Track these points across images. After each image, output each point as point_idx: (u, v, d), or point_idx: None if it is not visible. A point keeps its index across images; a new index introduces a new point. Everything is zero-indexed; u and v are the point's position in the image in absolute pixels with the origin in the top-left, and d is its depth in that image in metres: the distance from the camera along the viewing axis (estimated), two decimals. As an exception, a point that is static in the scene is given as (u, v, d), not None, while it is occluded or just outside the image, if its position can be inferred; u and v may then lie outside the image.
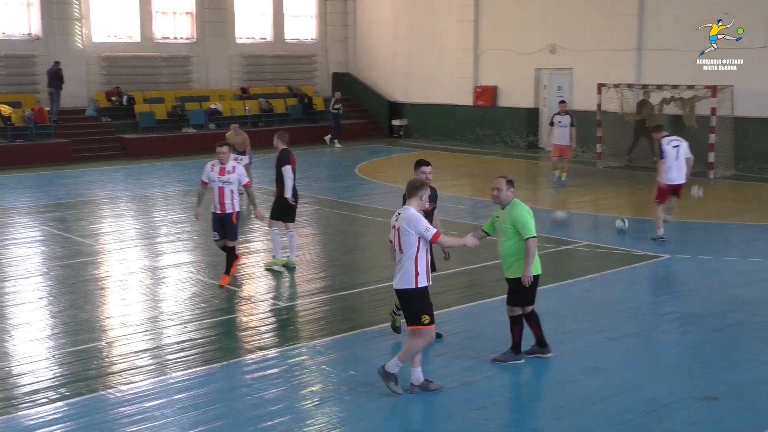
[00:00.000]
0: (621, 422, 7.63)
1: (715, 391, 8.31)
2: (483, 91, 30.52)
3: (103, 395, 8.35)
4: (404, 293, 8.11)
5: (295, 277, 13.10)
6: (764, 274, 12.95)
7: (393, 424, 7.68)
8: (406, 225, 7.98)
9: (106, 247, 15.31)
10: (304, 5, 35.09)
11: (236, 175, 12.01)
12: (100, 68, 30.03)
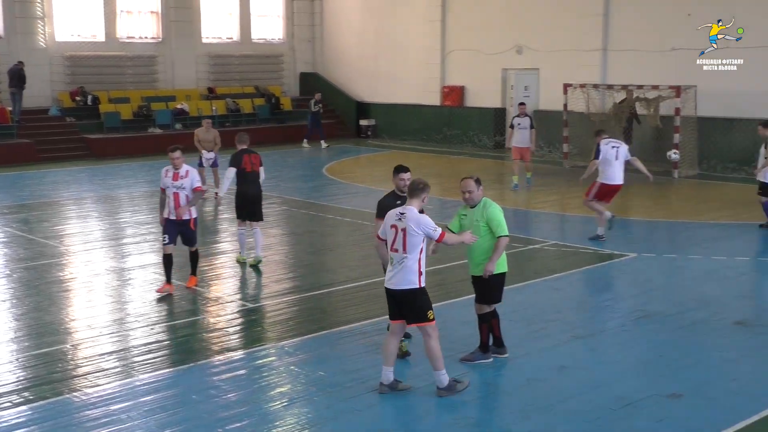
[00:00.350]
0: (588, 420, 7.68)
1: (680, 388, 8.39)
2: (450, 91, 30.61)
3: (68, 398, 8.26)
4: (408, 293, 8.10)
5: (263, 277, 13.06)
6: (727, 272, 13.12)
7: (362, 425, 7.66)
8: (413, 225, 7.98)
9: (70, 248, 15.14)
10: (271, 5, 34.97)
11: (189, 179, 11.63)
12: (63, 68, 29.72)
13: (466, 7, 29.83)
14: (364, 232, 16.22)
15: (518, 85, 28.91)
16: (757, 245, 14.89)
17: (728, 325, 10.38)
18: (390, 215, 8.25)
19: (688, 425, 7.58)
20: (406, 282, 8.07)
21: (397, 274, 8.11)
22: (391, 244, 8.13)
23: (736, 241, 15.14)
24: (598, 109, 24.96)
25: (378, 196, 19.98)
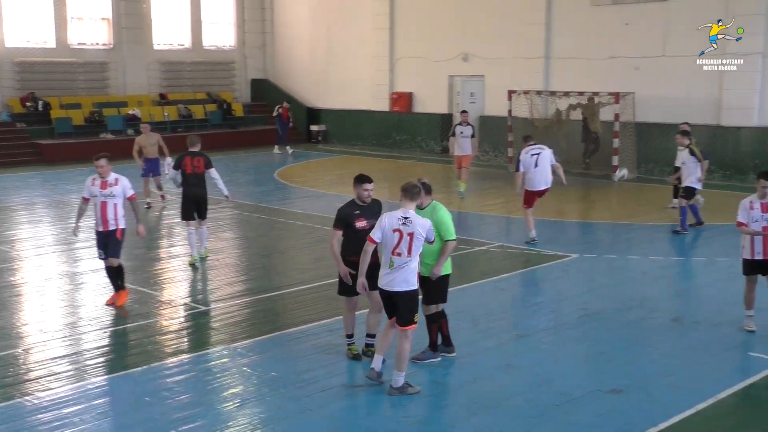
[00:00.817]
0: (533, 416, 7.77)
1: (620, 384, 8.53)
2: (399, 97, 30.70)
3: (19, 402, 8.13)
4: (407, 294, 8.15)
5: (216, 280, 12.98)
6: (664, 272, 13.38)
7: (314, 424, 7.66)
8: (420, 230, 8.03)
9: (22, 253, 14.88)
10: (222, 13, 34.76)
11: (120, 187, 10.98)
12: (13, 73, 29.19)
13: (413, 16, 29.95)
14: (315, 235, 16.21)
15: (464, 92, 29.09)
16: (691, 246, 15.19)
17: (665, 323, 10.58)
18: (391, 220, 8.13)
19: (628, 419, 7.71)
20: (407, 284, 8.13)
21: (397, 276, 8.11)
22: (394, 247, 8.07)
23: (673, 242, 15.43)
24: (541, 114, 25.29)
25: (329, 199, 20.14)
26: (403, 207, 8.20)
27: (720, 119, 23.04)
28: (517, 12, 26.61)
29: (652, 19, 23.97)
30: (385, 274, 8.19)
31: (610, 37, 24.71)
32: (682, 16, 23.37)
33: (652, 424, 7.57)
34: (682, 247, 15.07)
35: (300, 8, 34.25)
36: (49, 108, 29.17)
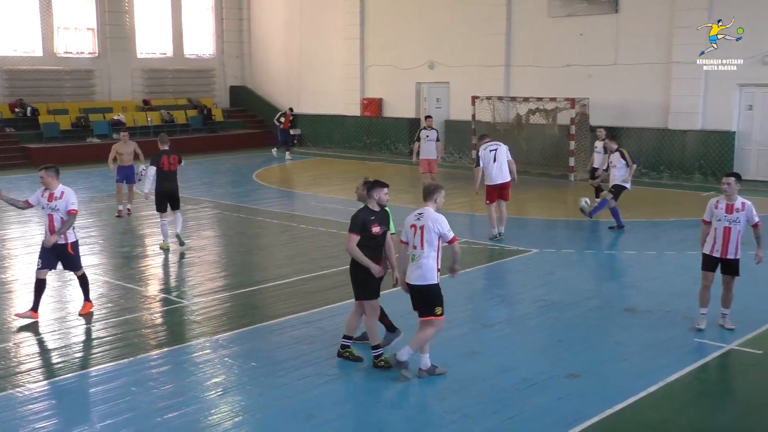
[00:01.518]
0: (497, 400, 7.83)
1: (578, 369, 8.61)
2: (369, 102, 30.71)
3: (11, 394, 8.03)
4: (424, 288, 8.16)
5: (198, 275, 12.92)
6: (619, 264, 13.53)
7: (292, 410, 7.64)
8: (431, 223, 8.07)
9: (12, 251, 14.68)
10: (202, 23, 34.59)
11: (63, 201, 10.08)
12: (2, 80, 28.85)
13: (382, 26, 29.97)
14: (292, 233, 16.19)
15: (431, 97, 29.18)
16: (643, 240, 15.31)
17: (619, 312, 10.69)
18: (409, 218, 8.28)
19: (585, 402, 7.78)
20: (424, 278, 8.15)
21: (415, 270, 8.17)
22: (412, 242, 8.17)
23: (625, 236, 15.57)
24: (502, 119, 25.43)
25: (304, 199, 20.05)
26: (423, 206, 8.35)
27: (667, 123, 23.33)
28: (480, 23, 26.74)
29: (604, 30, 24.19)
30: (409, 269, 8.28)
31: (566, 46, 24.92)
32: (632, 27, 23.63)
33: (607, 407, 7.64)
34: (634, 241, 15.21)
35: (275, 19, 34.14)
36: (37, 114, 28.82)
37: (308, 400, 7.84)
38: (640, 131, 23.76)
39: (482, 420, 7.40)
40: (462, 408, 7.64)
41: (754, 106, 22.17)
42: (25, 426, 7.31)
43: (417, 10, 28.65)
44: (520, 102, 24.78)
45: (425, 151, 19.34)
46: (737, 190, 9.48)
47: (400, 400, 7.92)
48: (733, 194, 9.46)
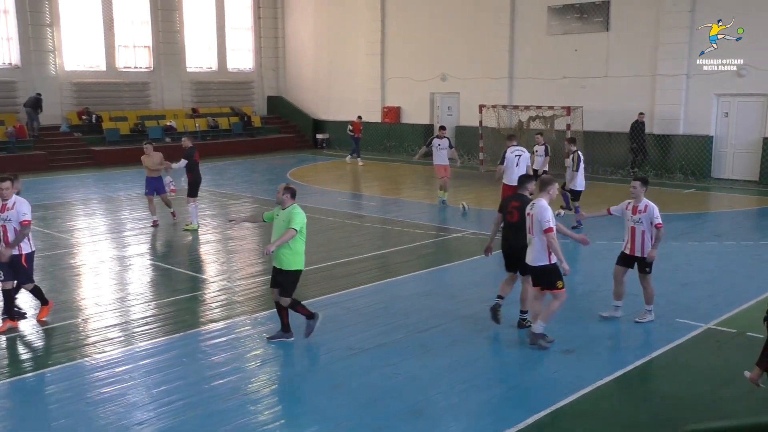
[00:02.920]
0: (502, 372, 7.85)
1: (572, 345, 8.58)
2: (389, 110, 30.68)
3: (80, 363, 8.13)
4: (539, 268, 8.19)
5: (239, 262, 12.97)
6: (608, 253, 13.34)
7: (321, 380, 7.68)
8: (536, 213, 8.09)
9: (80, 240, 14.83)
10: (243, 41, 34.66)
11: (15, 212, 8.94)
12: (71, 92, 29.07)
13: (400, 43, 29.92)
14: (321, 224, 16.21)
15: (443, 106, 29.10)
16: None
17: (609, 295, 10.56)
18: (530, 205, 8.39)
19: (578, 373, 7.75)
20: (537, 260, 8.19)
21: (530, 253, 8.26)
22: (528, 228, 8.29)
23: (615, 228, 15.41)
24: (506, 124, 25.33)
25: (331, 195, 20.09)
26: (537, 197, 8.37)
27: (653, 128, 23.14)
28: (486, 40, 26.65)
29: (596, 47, 24.04)
30: (527, 251, 8.36)
31: (562, 61, 24.78)
32: (621, 44, 23.49)
33: (598, 378, 7.62)
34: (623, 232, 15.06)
35: (306, 37, 34.17)
36: (100, 120, 29.05)
37: (335, 372, 7.87)
38: (628, 136, 23.55)
39: (488, 389, 7.39)
40: (470, 379, 7.64)
41: (730, 114, 21.95)
42: (92, 390, 7.41)
43: (431, 29, 28.57)
44: (522, 110, 24.66)
45: (439, 158, 18.48)
46: (643, 192, 9.14)
47: (417, 372, 7.91)
48: (639, 197, 9.19)
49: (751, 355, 8.32)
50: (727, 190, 20.49)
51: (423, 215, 17.02)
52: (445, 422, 6.69)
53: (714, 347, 8.69)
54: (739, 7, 20.40)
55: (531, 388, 7.45)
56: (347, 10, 31.85)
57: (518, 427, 6.56)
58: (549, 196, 8.35)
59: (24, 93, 27.45)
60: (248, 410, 6.96)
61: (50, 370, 7.95)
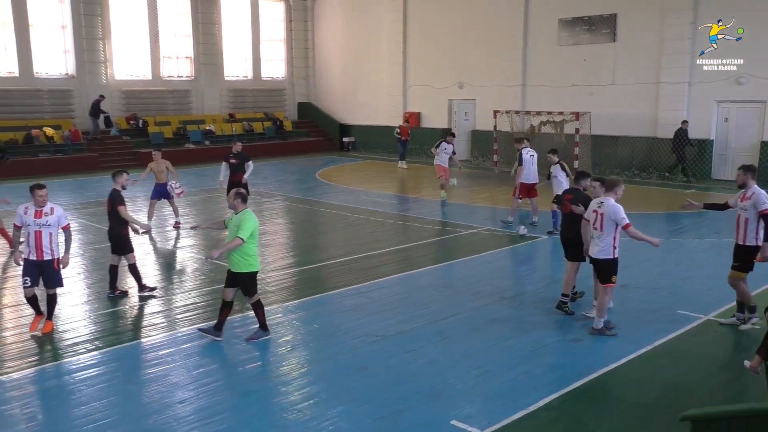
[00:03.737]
0: (514, 358, 7.80)
1: (580, 334, 8.53)
2: (410, 115, 30.59)
3: (128, 346, 8.23)
4: (604, 262, 8.24)
5: (272, 255, 13.01)
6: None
7: (347, 363, 7.69)
8: (610, 212, 8.09)
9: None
10: (276, 51, 34.76)
11: (55, 217, 8.49)
12: (120, 99, 29.36)
13: (420, 53, 29.84)
14: (346, 221, 16.26)
15: (460, 112, 28.99)
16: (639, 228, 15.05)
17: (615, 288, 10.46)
18: (592, 204, 8.38)
19: (586, 361, 7.71)
20: (604, 253, 8.22)
21: (595, 246, 8.27)
22: (593, 224, 8.27)
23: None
24: (519, 129, 25.18)
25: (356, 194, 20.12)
26: (603, 196, 8.34)
27: (656, 132, 22.88)
28: (501, 50, 26.50)
29: (603, 57, 23.81)
30: (591, 245, 8.38)
31: (572, 69, 24.58)
32: (627, 54, 23.25)
33: (604, 365, 7.57)
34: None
35: (334, 48, 34.19)
36: (146, 125, 29.28)
37: (360, 356, 7.89)
38: (633, 139, 23.35)
39: (501, 374, 7.37)
40: (484, 365, 7.62)
41: (729, 119, 21.65)
42: (138, 371, 7.50)
43: (449, 41, 28.44)
44: (533, 115, 24.52)
45: (441, 159, 18.22)
46: (602, 192, 8.70)
47: (435, 356, 7.92)
48: (597, 196, 8.85)
49: (747, 344, 8.22)
50: (726, 191, 20.17)
51: (441, 212, 16.99)
52: (461, 404, 6.68)
53: (713, 337, 8.58)
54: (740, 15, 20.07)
55: (541, 373, 7.41)
56: (372, 23, 31.84)
57: (529, 410, 6.54)
58: (616, 196, 8.30)
59: (78, 101, 27.77)
60: (280, 391, 7.01)
61: (101, 352, 8.05)
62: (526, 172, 14.75)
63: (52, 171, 24.78)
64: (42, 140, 25.84)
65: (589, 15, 23.97)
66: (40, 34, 26.88)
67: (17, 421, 6.43)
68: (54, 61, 27.52)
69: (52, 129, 26.29)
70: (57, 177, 24.00)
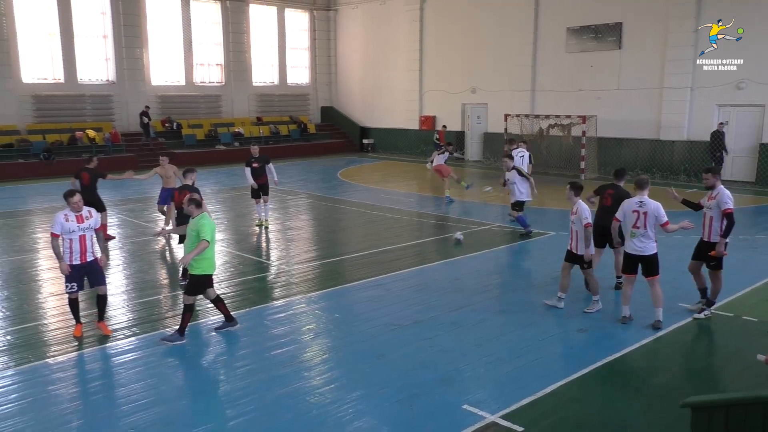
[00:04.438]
0: (523, 346, 7.76)
1: (585, 325, 8.47)
2: (426, 119, 30.56)
3: (162, 333, 8.29)
4: (651, 257, 8.15)
5: (296, 248, 13.07)
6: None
7: (366, 351, 7.70)
8: (652, 209, 8.05)
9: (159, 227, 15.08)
10: (301, 59, 34.85)
11: (94, 219, 8.11)
12: (157, 103, 29.56)
13: (435, 61, 29.76)
14: (366, 217, 16.26)
15: (473, 115, 28.86)
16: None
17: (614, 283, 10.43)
18: (630, 204, 8.21)
19: (592, 351, 7.65)
20: (649, 249, 8.15)
21: (640, 243, 8.15)
22: (634, 223, 8.13)
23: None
24: (528, 131, 25.02)
25: (376, 192, 20.08)
26: (638, 195, 8.24)
27: (659, 135, 22.63)
28: (511, 57, 26.34)
29: (609, 63, 23.59)
30: (631, 243, 8.22)
31: (579, 75, 24.38)
32: (632, 60, 23.00)
33: (607, 354, 7.51)
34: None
35: (355, 56, 34.21)
36: (180, 127, 29.52)
37: (378, 344, 7.89)
38: (638, 141, 23.12)
39: (510, 362, 7.34)
40: (494, 353, 7.59)
41: (730, 122, 21.34)
42: (172, 356, 7.56)
43: (463, 48, 28.33)
44: (543, 118, 24.37)
45: (438, 161, 18.61)
46: (573, 196, 8.93)
47: (450, 345, 7.90)
48: (571, 199, 8.99)
49: (746, 336, 8.11)
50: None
51: (455, 210, 16.94)
52: (472, 390, 6.66)
53: (714, 328, 8.48)
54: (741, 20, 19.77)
55: (549, 361, 7.37)
56: (390, 33, 31.80)
57: (537, 395, 6.51)
58: (647, 194, 8.27)
59: (118, 105, 28.04)
60: (303, 375, 7.03)
61: (138, 338, 8.13)
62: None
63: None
64: (85, 141, 26.15)
65: (596, 24, 23.75)
66: (83, 43, 27.22)
67: (63, 400, 6.52)
68: (96, 69, 27.85)
69: (94, 131, 26.65)
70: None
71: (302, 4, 34.03)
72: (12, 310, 9.24)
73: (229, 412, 6.23)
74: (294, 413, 6.17)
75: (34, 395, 6.62)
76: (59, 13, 26.25)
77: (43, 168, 24.39)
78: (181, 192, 11.08)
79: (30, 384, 6.87)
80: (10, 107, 25.61)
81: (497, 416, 6.08)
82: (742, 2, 20.33)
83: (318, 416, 6.11)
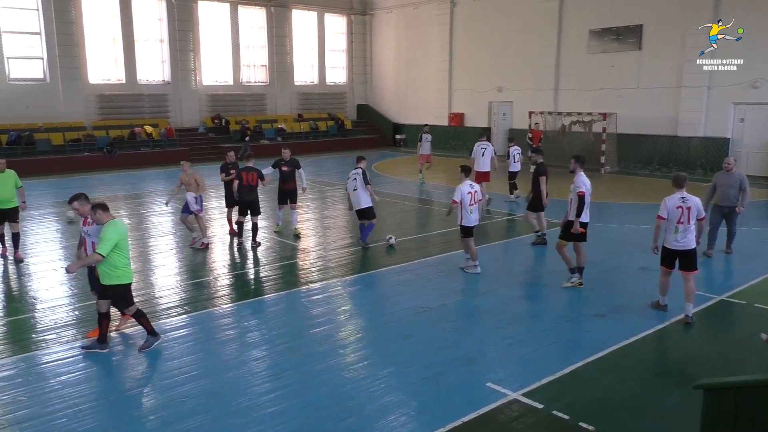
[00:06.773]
0: (542, 329, 7.68)
1: (602, 310, 8.34)
2: (455, 116, 30.34)
3: (210, 311, 8.43)
4: (690, 251, 7.88)
5: (332, 236, 13.11)
6: (634, 235, 12.93)
7: (395, 331, 7.71)
8: (695, 205, 7.81)
9: (212, 217, 15.31)
10: (338, 60, 34.88)
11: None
12: (207, 101, 29.95)
13: (464, 61, 29.48)
14: (398, 207, 16.23)
15: (499, 113, 28.55)
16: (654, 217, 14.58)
17: (635, 270, 10.27)
18: (673, 201, 7.86)
19: (607, 334, 7.54)
20: (691, 244, 7.88)
21: (683, 238, 7.86)
22: (678, 219, 7.84)
23: (643, 214, 14.90)
24: (551, 128, 24.68)
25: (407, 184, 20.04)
26: (678, 192, 7.94)
27: (676, 131, 22.09)
28: (536, 58, 25.95)
29: (629, 63, 23.06)
30: (674, 238, 7.91)
31: (600, 74, 23.90)
32: (651, 60, 22.46)
33: (624, 338, 7.38)
34: (648, 218, 14.51)
35: (388, 57, 34.09)
36: (228, 123, 29.83)
37: (406, 325, 7.89)
38: (655, 138, 22.60)
39: (530, 344, 7.27)
40: (516, 335, 7.53)
41: (745, 119, 20.73)
42: (219, 333, 7.68)
43: (490, 49, 28.01)
44: (565, 115, 24.00)
45: (425, 149, 19.97)
46: (578, 169, 9.14)
47: (472, 327, 7.86)
48: (574, 171, 9.09)
49: (758, 322, 7.89)
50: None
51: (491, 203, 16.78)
52: (495, 369, 6.62)
53: (726, 314, 8.27)
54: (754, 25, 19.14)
55: (567, 344, 7.28)
56: (422, 36, 31.59)
57: (556, 375, 6.44)
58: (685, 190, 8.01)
59: (173, 103, 28.47)
60: (338, 353, 7.08)
61: (189, 316, 8.27)
62: (478, 163, 15.37)
63: (151, 163, 25.62)
64: (143, 137, 26.65)
65: (617, 26, 23.22)
66: (142, 47, 27.70)
67: (123, 369, 6.69)
68: (153, 70, 28.32)
69: (151, 127, 27.12)
70: (155, 168, 24.75)
71: (340, 9, 34.00)
72: (79, 288, 9.50)
73: (270, 384, 6.31)
74: (329, 387, 6.22)
75: (99, 364, 6.80)
76: (121, 20, 26.80)
77: (106, 161, 24.95)
78: (248, 173, 11.90)
79: (95, 355, 7.05)
80: (78, 106, 26.23)
81: (518, 394, 6.03)
82: (757, 5, 19.66)
83: (351, 390, 6.15)
